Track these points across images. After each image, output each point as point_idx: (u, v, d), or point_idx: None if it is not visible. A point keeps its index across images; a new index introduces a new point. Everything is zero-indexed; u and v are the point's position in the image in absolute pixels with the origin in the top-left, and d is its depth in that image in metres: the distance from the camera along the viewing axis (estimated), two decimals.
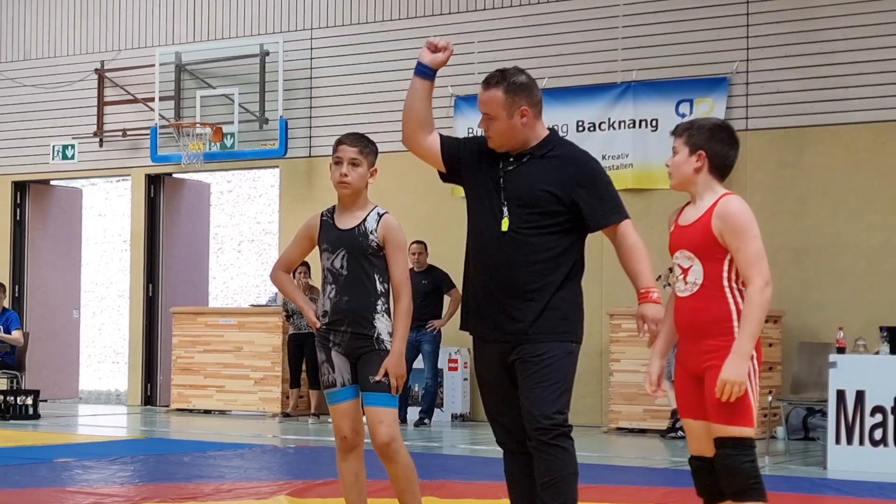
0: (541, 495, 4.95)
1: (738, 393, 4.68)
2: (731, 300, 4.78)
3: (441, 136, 5.25)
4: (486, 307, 5.11)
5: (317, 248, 5.71)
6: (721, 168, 4.90)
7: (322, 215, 5.68)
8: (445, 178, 5.33)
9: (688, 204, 5.01)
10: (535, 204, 5.00)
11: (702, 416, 4.86)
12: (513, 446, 5.17)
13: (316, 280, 15.05)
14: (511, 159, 5.10)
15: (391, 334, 5.53)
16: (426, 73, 5.15)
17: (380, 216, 5.57)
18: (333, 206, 5.71)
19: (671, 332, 5.00)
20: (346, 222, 5.59)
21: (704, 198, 4.88)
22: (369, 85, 15.47)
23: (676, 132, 4.98)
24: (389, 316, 5.56)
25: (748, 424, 4.76)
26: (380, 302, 5.53)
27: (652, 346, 5.07)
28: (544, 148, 5.09)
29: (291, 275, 17.07)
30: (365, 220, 5.55)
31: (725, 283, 4.79)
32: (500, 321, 5.05)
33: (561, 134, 5.45)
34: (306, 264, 14.72)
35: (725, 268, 4.79)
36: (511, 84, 5.05)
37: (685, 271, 4.87)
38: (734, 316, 4.77)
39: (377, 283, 5.53)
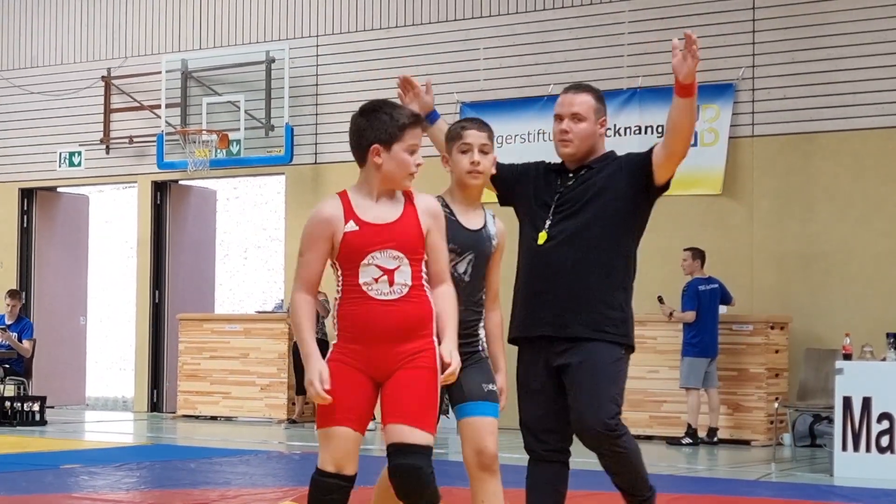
0: (616, 483, 5.29)
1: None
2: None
3: (498, 164, 5.25)
4: (540, 309, 5.08)
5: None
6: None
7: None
8: (501, 201, 5.37)
9: None
10: (589, 210, 5.07)
11: (363, 427, 4.39)
12: (541, 454, 5.16)
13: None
14: (570, 175, 5.18)
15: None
16: (428, 119, 5.17)
17: (492, 217, 5.08)
18: (440, 197, 4.92)
19: None
20: (471, 221, 4.98)
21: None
22: (375, 92, 15.44)
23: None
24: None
25: (433, 430, 4.38)
26: (482, 311, 5.09)
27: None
28: (602, 162, 5.20)
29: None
30: (486, 221, 5.02)
31: None
32: (555, 319, 5.04)
33: None
34: None
35: None
36: (598, 93, 5.31)
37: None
38: None
39: (482, 292, 5.05)
